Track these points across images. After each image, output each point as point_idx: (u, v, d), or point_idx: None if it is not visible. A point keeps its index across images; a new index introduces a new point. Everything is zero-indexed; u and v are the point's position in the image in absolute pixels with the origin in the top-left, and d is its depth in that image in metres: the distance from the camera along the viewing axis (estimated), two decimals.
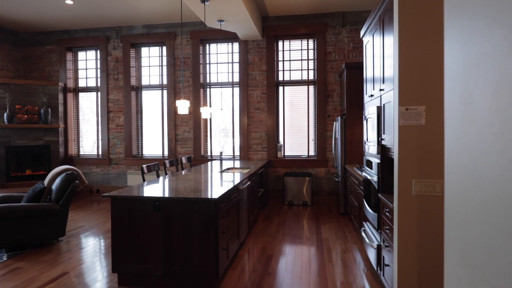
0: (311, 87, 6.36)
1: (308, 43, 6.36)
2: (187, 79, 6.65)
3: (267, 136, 6.39)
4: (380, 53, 2.89)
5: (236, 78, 6.57)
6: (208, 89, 6.70)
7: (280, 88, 6.46)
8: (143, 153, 7.03)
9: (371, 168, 3.15)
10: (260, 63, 6.40)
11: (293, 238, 4.18)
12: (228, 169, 4.90)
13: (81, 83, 7.27)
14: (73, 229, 4.69)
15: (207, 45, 6.69)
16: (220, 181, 3.55)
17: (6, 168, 6.49)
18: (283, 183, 6.09)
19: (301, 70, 6.39)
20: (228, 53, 6.61)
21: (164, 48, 6.79)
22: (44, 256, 3.64)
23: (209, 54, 6.70)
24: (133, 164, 6.87)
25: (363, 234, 3.26)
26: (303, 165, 6.28)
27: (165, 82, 6.83)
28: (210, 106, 6.70)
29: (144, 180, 3.94)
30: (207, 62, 6.69)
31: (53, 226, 3.96)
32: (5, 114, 6.34)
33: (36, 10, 5.96)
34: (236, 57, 6.56)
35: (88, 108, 7.28)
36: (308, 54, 6.36)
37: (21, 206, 3.77)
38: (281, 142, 6.46)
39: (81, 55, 7.25)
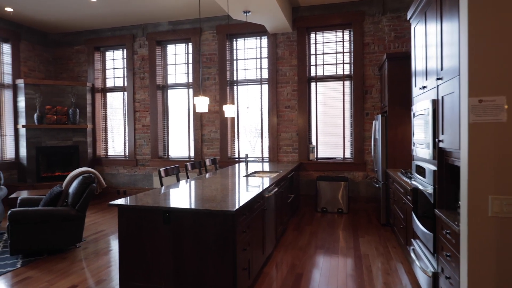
0: (347, 83, 5.79)
1: (343, 34, 5.79)
2: (213, 77, 6.32)
3: (298, 136, 5.90)
4: (436, 31, 2.32)
5: (265, 75, 6.14)
6: (235, 87, 6.33)
7: (313, 84, 5.94)
8: (169, 154, 6.81)
9: (424, 176, 2.59)
10: (290, 57, 5.92)
11: (326, 252, 3.68)
12: (255, 172, 4.48)
13: (109, 83, 7.19)
14: (94, 233, 4.49)
15: (234, 40, 6.32)
16: (243, 188, 3.14)
17: (37, 168, 6.52)
18: (316, 188, 5.58)
19: (336, 64, 5.83)
20: (256, 48, 6.19)
21: (190, 44, 6.52)
22: (57, 265, 3.43)
23: (236, 49, 6.32)
24: (159, 165, 6.66)
25: (412, 254, 2.70)
26: (338, 168, 5.72)
27: (191, 80, 6.56)
28: (238, 104, 6.33)
29: (162, 185, 3.62)
30: (234, 58, 6.32)
31: (69, 232, 3.75)
32: (35, 115, 6.36)
33: (63, 10, 5.90)
34: (265, 52, 6.14)
35: (116, 108, 7.18)
36: (343, 46, 5.79)
37: (37, 211, 3.59)
38: (314, 143, 5.94)
39: (109, 54, 7.17)
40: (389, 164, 4.58)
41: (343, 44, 5.79)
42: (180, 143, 6.75)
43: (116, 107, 7.18)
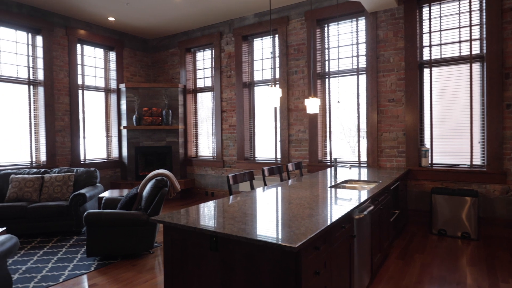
0: (476, 65, 4.37)
1: (470, 2, 4.39)
2: (301, 70, 5.61)
3: (406, 136, 4.73)
4: None
5: (362, 63, 5.14)
6: (326, 79, 5.50)
7: (426, 70, 4.70)
8: (256, 156, 6.38)
9: None
10: (395, 39, 4.80)
11: None
12: (347, 182, 3.61)
13: (199, 84, 7.19)
14: None
15: (325, 27, 5.49)
16: (324, 205, 2.38)
17: (136, 167, 6.89)
18: (430, 202, 4.35)
19: (459, 42, 4.47)
20: (351, 32, 5.24)
21: (277, 36, 5.95)
22: (125, 273, 3.24)
23: (328, 36, 5.48)
24: (244, 167, 6.30)
25: None
26: (462, 178, 4.36)
27: (277, 75, 5.99)
28: (329, 99, 5.48)
29: (231, 193, 3.11)
30: (326, 47, 5.49)
31: (140, 237, 3.57)
32: (134, 117, 6.72)
33: (152, 13, 6.03)
34: (362, 37, 5.14)
35: (205, 108, 7.13)
36: (470, 17, 4.39)
37: (110, 214, 3.50)
38: (427, 145, 4.69)
39: (199, 55, 7.16)
40: None
41: (470, 14, 4.39)
42: (266, 144, 6.26)
43: (205, 107, 7.13)
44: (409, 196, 4.75)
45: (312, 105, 3.66)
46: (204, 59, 7.08)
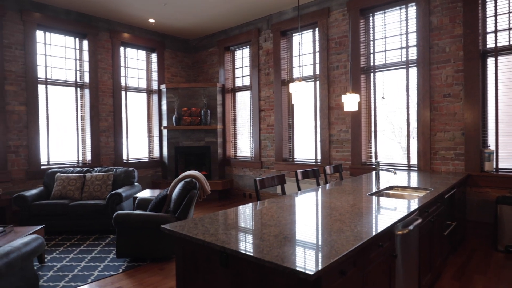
0: None
1: None
2: (343, 64, 5.20)
3: (465, 136, 4.13)
4: None
5: (412, 55, 4.60)
6: (371, 74, 5.03)
7: (490, 60, 4.05)
8: (295, 156, 6.07)
9: None
10: (451, 26, 4.21)
11: None
12: (391, 188, 3.19)
13: (238, 83, 7.05)
14: None
15: (370, 17, 5.02)
16: (359, 216, 2.05)
17: (175, 167, 6.94)
18: (494, 213, 3.75)
19: None
20: (400, 21, 4.72)
21: (317, 30, 5.59)
22: (151, 277, 3.16)
23: (373, 27, 5.01)
24: (283, 169, 6.02)
25: None
26: None
27: (317, 72, 5.63)
28: (375, 96, 5.00)
29: (259, 199, 2.87)
30: (370, 39, 5.03)
31: (168, 240, 3.48)
32: (173, 117, 6.77)
33: (189, 12, 5.99)
34: (412, 25, 4.60)
35: (243, 108, 6.97)
36: None
37: (139, 215, 3.45)
38: (491, 147, 4.05)
39: (238, 54, 7.03)
40: None
41: None
42: (306, 145, 5.92)
43: (243, 107, 6.97)
44: (468, 206, 4.14)
45: (350, 101, 3.28)
46: (243, 57, 6.93)
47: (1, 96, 5.04)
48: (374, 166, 4.93)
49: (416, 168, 4.57)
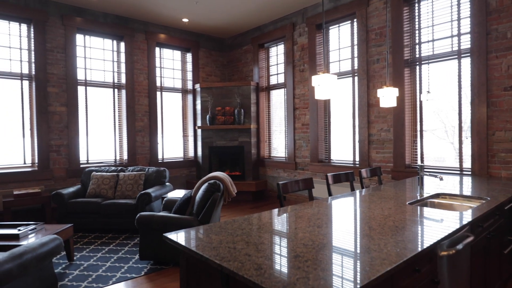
0: None
1: None
2: (384, 57, 4.75)
3: None
4: None
5: (465, 43, 4.05)
6: (417, 67, 4.53)
7: None
8: (331, 158, 5.70)
9: None
10: None
11: None
12: (438, 195, 2.77)
13: (272, 81, 6.81)
14: None
15: (415, 4, 4.52)
16: (394, 232, 1.72)
17: (209, 167, 6.89)
18: None
19: None
20: (450, 6, 4.18)
21: (355, 21, 5.18)
22: (173, 282, 3.04)
23: (418, 15, 4.50)
24: (318, 171, 5.68)
25: None
26: None
27: (355, 66, 5.21)
28: (420, 91, 4.50)
29: (282, 205, 2.62)
30: (416, 28, 4.52)
31: None
32: (207, 116, 6.72)
33: (222, 9, 5.86)
34: (465, 10, 4.04)
35: (278, 107, 6.72)
36: None
37: (161, 217, 3.36)
38: None
39: (272, 51, 6.79)
40: None
41: None
42: (343, 145, 5.53)
43: (278, 105, 6.72)
44: None
45: (387, 96, 2.88)
46: (278, 54, 6.68)
47: (44, 97, 5.28)
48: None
49: (469, 173, 4.01)
